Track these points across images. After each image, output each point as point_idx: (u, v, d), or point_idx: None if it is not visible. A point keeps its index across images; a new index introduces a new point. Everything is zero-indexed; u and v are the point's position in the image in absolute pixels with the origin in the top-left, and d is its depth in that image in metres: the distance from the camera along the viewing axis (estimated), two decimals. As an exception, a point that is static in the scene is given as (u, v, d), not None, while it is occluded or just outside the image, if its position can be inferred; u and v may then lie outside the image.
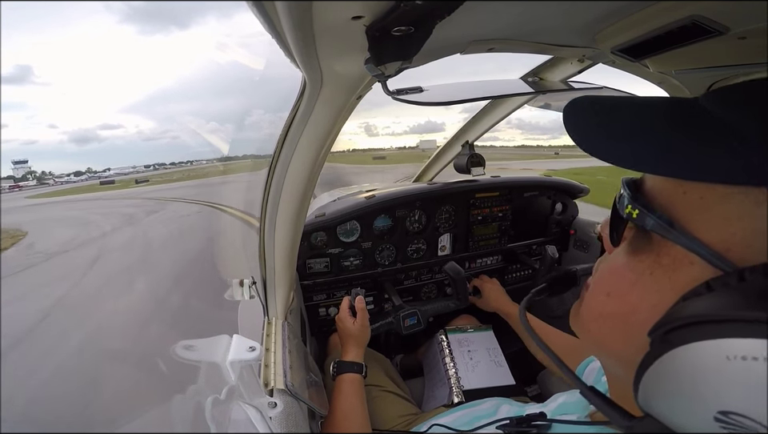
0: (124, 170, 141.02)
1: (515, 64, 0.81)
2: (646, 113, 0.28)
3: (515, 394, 0.96)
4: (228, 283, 0.81)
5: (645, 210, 0.27)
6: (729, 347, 0.19)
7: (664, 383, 0.23)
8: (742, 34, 0.40)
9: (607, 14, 0.44)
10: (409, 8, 0.29)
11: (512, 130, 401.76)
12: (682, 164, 0.24)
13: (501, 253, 1.49)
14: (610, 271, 0.32)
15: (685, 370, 0.21)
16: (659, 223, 0.26)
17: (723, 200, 0.23)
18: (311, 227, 1.17)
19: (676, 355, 0.22)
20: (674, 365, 0.22)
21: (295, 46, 0.37)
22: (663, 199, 0.26)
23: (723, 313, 0.20)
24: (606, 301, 0.31)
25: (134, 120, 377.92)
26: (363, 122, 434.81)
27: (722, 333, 0.20)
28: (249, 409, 0.52)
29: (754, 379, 0.19)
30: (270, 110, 0.82)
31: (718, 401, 0.20)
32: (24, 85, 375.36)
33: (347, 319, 0.94)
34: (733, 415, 0.20)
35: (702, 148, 0.24)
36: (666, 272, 0.26)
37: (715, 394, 0.20)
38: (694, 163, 0.24)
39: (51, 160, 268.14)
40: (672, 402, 0.23)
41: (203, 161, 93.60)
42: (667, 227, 0.25)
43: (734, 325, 0.19)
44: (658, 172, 0.26)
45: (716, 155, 0.23)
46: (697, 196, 0.24)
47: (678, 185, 0.26)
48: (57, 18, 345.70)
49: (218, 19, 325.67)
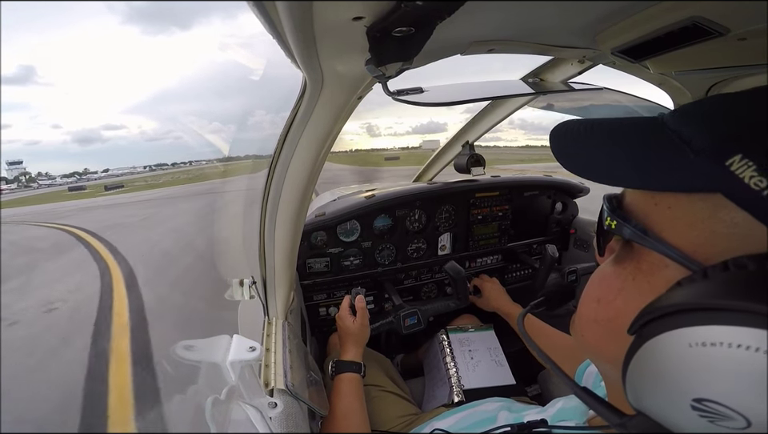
0: (123, 171, 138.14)
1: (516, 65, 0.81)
2: (618, 134, 0.30)
3: (516, 394, 0.96)
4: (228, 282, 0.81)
5: (622, 221, 0.29)
6: (690, 335, 0.21)
7: (644, 378, 0.25)
8: (743, 35, 0.40)
9: (608, 15, 0.44)
10: (410, 9, 0.29)
11: (515, 131, 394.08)
12: (649, 177, 0.27)
13: (501, 252, 1.49)
14: (599, 279, 0.34)
15: (657, 361, 0.23)
16: (635, 231, 0.28)
17: (687, 207, 0.26)
18: (311, 226, 1.17)
19: (648, 349, 0.23)
20: (648, 358, 0.24)
21: (296, 47, 0.37)
22: (639, 211, 0.29)
23: (683, 304, 0.22)
24: (596, 308, 0.33)
25: (136, 120, 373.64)
26: (365, 123, 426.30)
27: (683, 322, 0.21)
28: (249, 409, 0.52)
29: (716, 364, 0.20)
30: (270, 110, 0.82)
31: (690, 389, 0.22)
32: (27, 85, 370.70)
33: (347, 318, 0.94)
34: (707, 402, 0.21)
35: (664, 162, 0.27)
36: (646, 277, 0.28)
37: (685, 382, 0.22)
38: (659, 176, 0.27)
39: (54, 161, 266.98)
40: (654, 395, 0.24)
41: (203, 161, 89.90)
42: (642, 235, 0.28)
43: (693, 314, 0.21)
44: (629, 186, 0.30)
45: (676, 167, 0.26)
46: (665, 206, 0.27)
47: (649, 197, 0.28)
48: (60, 18, 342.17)
49: (221, 20, 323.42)
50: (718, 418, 0.21)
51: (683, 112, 0.28)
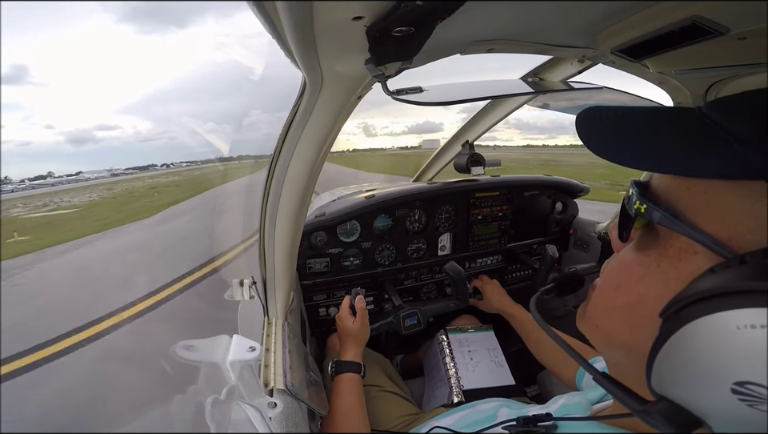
0: (100, 174, 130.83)
1: (515, 64, 0.81)
2: (652, 119, 0.30)
3: (515, 394, 0.96)
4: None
5: (652, 204, 0.29)
6: (737, 318, 0.21)
7: (678, 362, 0.24)
8: (743, 34, 0.40)
9: (608, 14, 0.44)
10: (409, 8, 0.29)
11: (510, 131, 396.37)
12: (685, 163, 0.27)
13: (501, 253, 1.49)
14: (620, 266, 0.33)
15: (697, 345, 0.23)
16: (665, 215, 0.28)
17: (725, 194, 0.25)
18: (311, 226, 1.17)
19: (687, 332, 0.23)
20: (687, 342, 0.23)
21: (296, 47, 0.37)
22: (669, 196, 0.29)
23: (728, 286, 0.21)
24: (615, 295, 0.32)
25: (131, 121, 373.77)
26: (362, 123, 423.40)
27: (729, 305, 0.21)
28: (249, 409, 0.52)
29: (764, 346, 0.20)
30: (269, 110, 0.81)
31: (733, 372, 0.21)
32: (20, 85, 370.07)
33: (347, 317, 0.94)
34: (749, 385, 0.21)
35: (703, 149, 0.26)
36: (672, 262, 0.27)
37: (729, 365, 0.22)
38: (696, 162, 0.26)
39: (47, 162, 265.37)
40: (687, 380, 0.24)
41: (199, 162, 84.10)
42: (673, 219, 0.27)
43: (741, 296, 0.21)
44: (666, 171, 0.29)
45: (716, 154, 0.25)
46: (701, 191, 0.26)
47: (682, 182, 0.28)
48: (54, 17, 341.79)
49: (218, 19, 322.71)
50: (758, 401, 0.21)
51: (724, 103, 0.28)
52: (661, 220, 0.28)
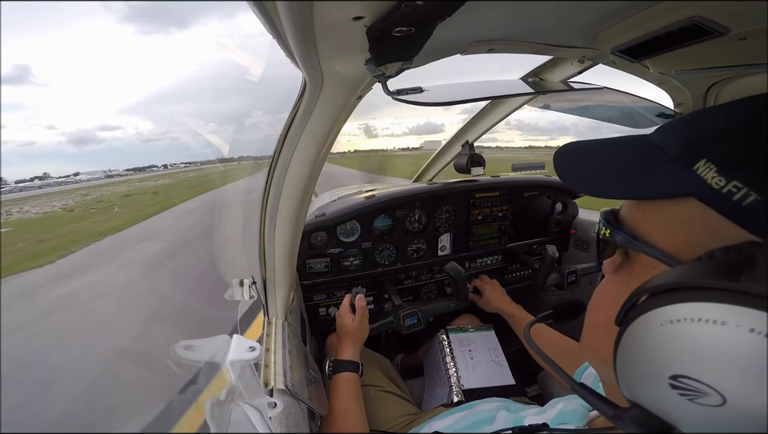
0: (93, 175, 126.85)
1: (515, 64, 0.81)
2: (612, 151, 0.35)
3: (515, 394, 0.96)
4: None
5: (614, 229, 0.33)
6: (660, 315, 0.23)
7: (628, 365, 0.27)
8: (743, 34, 0.40)
9: (608, 15, 0.44)
10: (410, 8, 0.29)
11: (511, 132, 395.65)
12: (635, 188, 0.31)
13: (501, 253, 1.49)
14: (602, 286, 0.37)
15: (636, 345, 0.26)
16: (625, 237, 0.31)
17: (669, 211, 0.29)
18: (311, 226, 1.17)
19: (628, 335, 0.26)
20: (629, 344, 0.26)
21: (296, 47, 0.37)
22: (630, 220, 0.32)
23: (651, 288, 0.24)
24: (598, 313, 0.36)
25: (132, 121, 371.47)
26: (362, 124, 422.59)
27: (653, 305, 0.24)
28: (248, 409, 0.52)
29: (684, 340, 0.22)
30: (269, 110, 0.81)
31: (666, 367, 0.24)
32: (23, 85, 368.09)
33: (347, 316, 0.94)
34: (682, 378, 0.23)
35: (647, 173, 0.30)
36: (638, 279, 0.30)
37: (661, 361, 0.24)
38: (643, 186, 0.30)
39: (49, 162, 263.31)
40: (638, 381, 0.26)
41: (198, 162, 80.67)
42: (631, 240, 0.31)
43: (661, 296, 0.24)
44: (621, 197, 0.33)
45: (657, 177, 0.29)
46: (651, 212, 0.30)
47: (638, 206, 0.32)
48: (55, 17, 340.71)
49: (219, 20, 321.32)
50: (696, 395, 0.22)
51: (664, 126, 0.32)
52: (622, 242, 0.32)
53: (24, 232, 15.36)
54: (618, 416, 0.28)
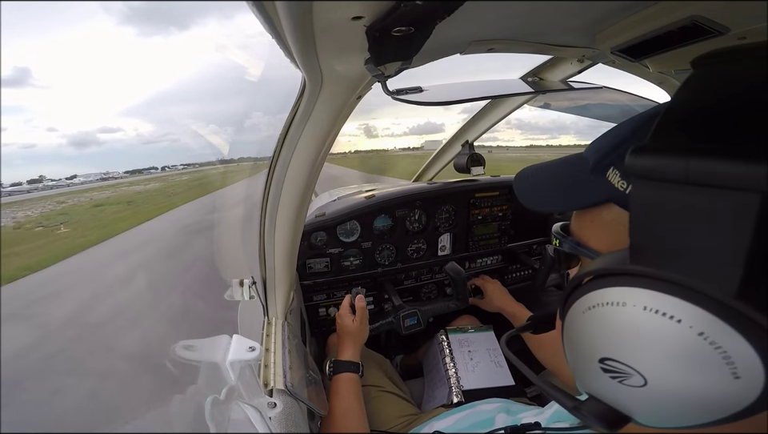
0: (87, 178, 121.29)
1: (515, 64, 0.81)
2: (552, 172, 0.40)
3: (515, 394, 0.96)
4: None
5: (561, 238, 0.37)
6: (580, 304, 0.26)
7: (571, 357, 0.29)
8: (742, 34, 0.40)
9: (607, 14, 0.44)
10: (409, 8, 0.29)
11: (511, 131, 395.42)
12: (572, 201, 0.36)
13: (501, 253, 1.49)
14: None
15: (570, 336, 0.28)
16: (570, 243, 0.36)
17: (599, 218, 0.32)
18: (311, 226, 1.17)
19: (566, 329, 0.29)
20: (567, 338, 0.29)
21: (295, 47, 0.37)
22: (576, 230, 0.37)
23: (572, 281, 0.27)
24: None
25: (133, 123, 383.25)
26: (362, 124, 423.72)
27: (576, 296, 0.26)
28: (248, 409, 0.52)
29: (601, 323, 0.24)
30: (269, 111, 0.81)
31: (594, 351, 0.26)
32: (23, 88, 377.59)
33: (347, 316, 0.94)
34: (608, 361, 0.25)
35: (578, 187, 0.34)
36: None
37: (589, 345, 0.26)
38: (577, 199, 0.35)
39: (50, 164, 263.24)
40: (581, 370, 0.28)
41: (196, 164, 72.33)
42: (575, 246, 0.35)
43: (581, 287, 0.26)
44: (561, 211, 0.38)
45: (586, 189, 0.33)
46: (589, 220, 0.34)
47: (580, 216, 0.36)
48: (56, 19, 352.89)
49: (219, 20, 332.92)
50: (622, 376, 0.24)
51: (592, 142, 0.36)
52: (569, 248, 0.36)
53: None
54: (576, 408, 0.29)
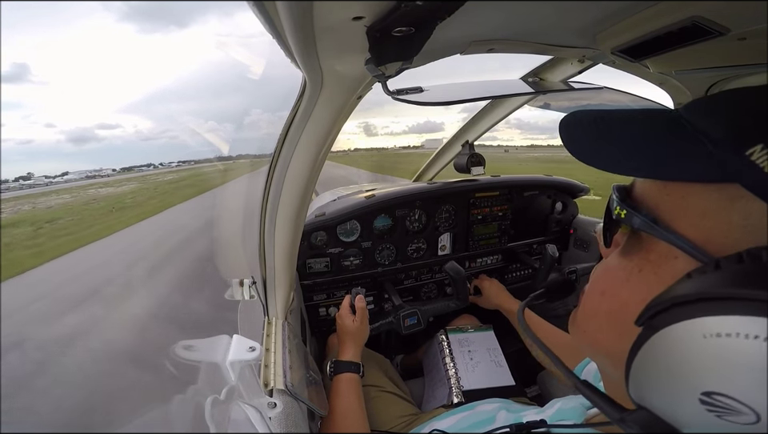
0: (73, 176, 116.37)
1: (515, 64, 0.81)
2: (628, 122, 0.30)
3: (515, 394, 0.96)
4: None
5: (632, 210, 0.29)
6: (704, 326, 0.20)
7: (650, 370, 0.24)
8: (743, 34, 0.40)
9: (608, 14, 0.44)
10: (409, 8, 0.29)
11: (511, 130, 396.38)
12: (664, 167, 0.27)
13: (501, 252, 1.49)
14: (604, 271, 0.33)
15: (667, 353, 0.22)
16: (645, 220, 0.28)
17: (701, 197, 0.25)
18: (311, 226, 1.17)
19: (658, 340, 0.23)
20: (658, 349, 0.23)
21: (296, 47, 0.37)
22: (649, 201, 0.28)
23: (697, 293, 0.21)
24: (600, 300, 0.32)
25: (132, 120, 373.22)
26: (362, 122, 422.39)
27: (697, 313, 0.21)
28: (248, 409, 0.52)
29: (729, 356, 0.19)
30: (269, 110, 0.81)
31: (700, 382, 0.21)
32: (21, 84, 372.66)
33: (347, 316, 0.94)
34: (716, 395, 0.21)
35: (680, 152, 0.26)
36: (653, 268, 0.27)
37: (696, 374, 0.21)
38: (674, 166, 0.26)
39: (48, 161, 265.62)
40: (659, 389, 0.24)
41: (191, 161, 71.68)
42: (652, 225, 0.27)
43: (708, 304, 0.20)
44: (640, 175, 0.29)
45: (693, 158, 0.25)
46: (678, 196, 0.26)
47: (662, 187, 0.28)
48: (55, 16, 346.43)
49: (219, 18, 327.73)
50: (726, 412, 0.21)
51: (699, 105, 0.28)
52: (640, 226, 0.28)
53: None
54: (622, 420, 0.26)
